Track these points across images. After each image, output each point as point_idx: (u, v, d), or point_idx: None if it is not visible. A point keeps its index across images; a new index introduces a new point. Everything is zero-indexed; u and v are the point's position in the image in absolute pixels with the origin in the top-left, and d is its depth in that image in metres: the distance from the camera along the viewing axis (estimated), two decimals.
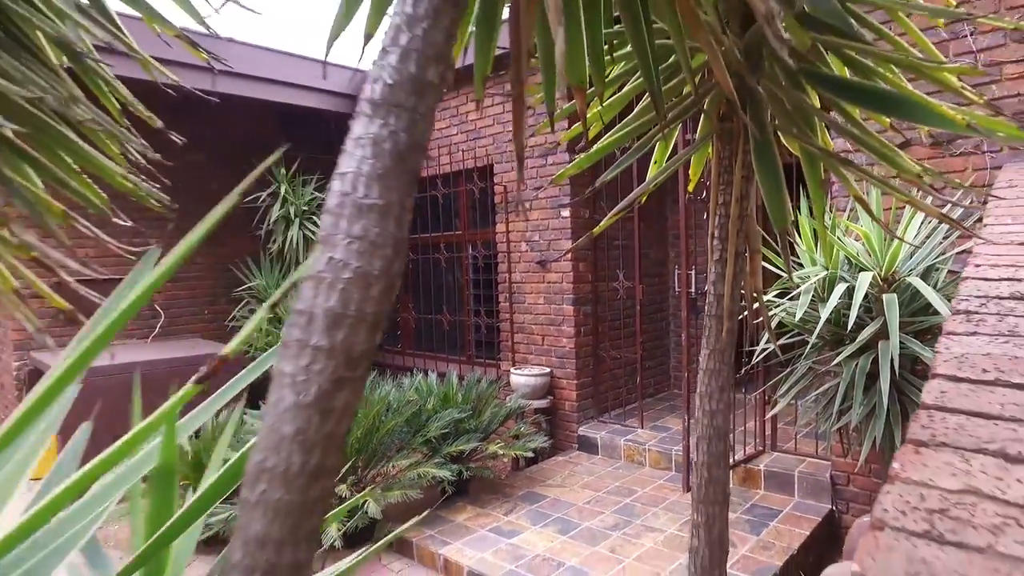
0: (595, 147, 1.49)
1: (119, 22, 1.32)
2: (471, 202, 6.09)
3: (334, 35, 1.06)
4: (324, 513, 0.59)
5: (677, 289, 5.96)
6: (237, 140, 6.33)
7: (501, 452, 4.14)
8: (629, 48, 1.28)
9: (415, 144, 0.61)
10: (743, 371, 3.91)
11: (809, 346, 3.03)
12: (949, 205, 2.93)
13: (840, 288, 2.74)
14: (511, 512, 3.98)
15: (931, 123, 1.07)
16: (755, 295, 1.48)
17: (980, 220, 2.22)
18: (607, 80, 1.33)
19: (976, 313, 1.46)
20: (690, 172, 1.69)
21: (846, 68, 1.28)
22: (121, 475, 0.75)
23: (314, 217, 6.31)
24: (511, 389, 5.17)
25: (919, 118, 1.09)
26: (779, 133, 1.37)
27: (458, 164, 5.95)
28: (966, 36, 3.31)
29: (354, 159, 0.59)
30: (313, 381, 0.56)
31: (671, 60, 1.33)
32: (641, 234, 5.13)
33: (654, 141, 1.47)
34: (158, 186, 1.45)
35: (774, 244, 2.50)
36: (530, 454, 4.35)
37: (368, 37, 1.02)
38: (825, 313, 2.68)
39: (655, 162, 1.65)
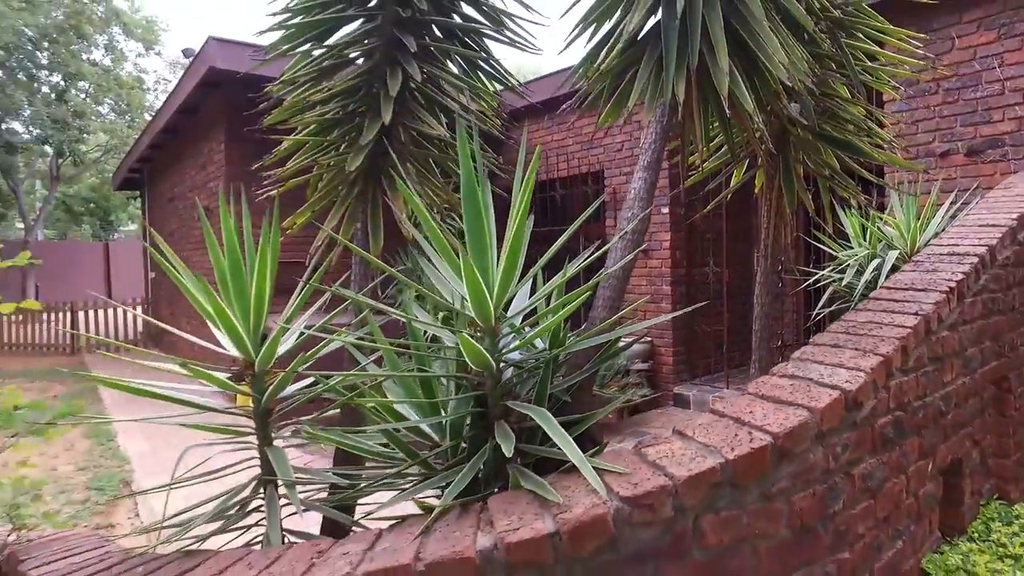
0: (701, 168, 2.69)
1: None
2: (585, 201, 7.32)
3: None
4: (613, 314, 1.84)
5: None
6: None
7: (616, 396, 5.36)
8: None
9: (651, 186, 1.85)
10: (808, 323, 4.96)
11: (851, 307, 4.07)
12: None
13: (875, 263, 3.78)
14: (622, 442, 5.20)
15: (868, 158, 2.21)
16: (783, 258, 2.65)
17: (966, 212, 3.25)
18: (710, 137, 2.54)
19: (920, 262, 2.58)
20: (755, 183, 2.85)
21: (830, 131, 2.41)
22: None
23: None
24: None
25: (864, 155, 2.22)
26: (805, 161, 2.53)
27: (574, 170, 7.20)
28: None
29: (637, 181, 1.84)
30: (611, 295, 1.82)
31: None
32: (728, 229, 6.19)
33: (730, 168, 2.66)
34: None
35: (830, 234, 3.59)
36: (638, 398, 5.54)
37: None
38: (863, 280, 3.73)
39: (734, 178, 2.83)
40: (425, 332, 1.91)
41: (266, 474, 1.97)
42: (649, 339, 6.41)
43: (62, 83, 13.16)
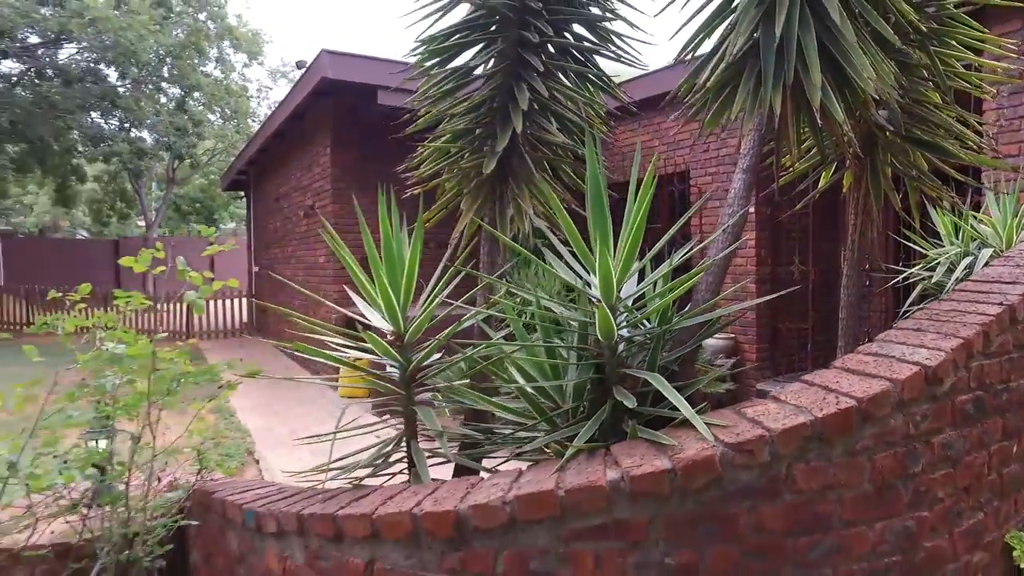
0: (792, 170, 2.91)
1: None
2: (670, 201, 7.50)
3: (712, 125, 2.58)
4: (714, 297, 2.11)
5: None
6: None
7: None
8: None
9: (749, 187, 2.11)
10: (896, 321, 4.99)
11: None
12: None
13: (967, 260, 3.84)
14: None
15: (956, 159, 2.38)
16: (870, 256, 2.82)
17: None
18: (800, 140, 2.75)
19: (1010, 257, 2.70)
20: (843, 183, 3.03)
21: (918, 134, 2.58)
22: None
23: None
24: (703, 348, 6.54)
25: (952, 156, 2.39)
26: (893, 164, 2.70)
27: (660, 169, 7.40)
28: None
29: (737, 182, 2.10)
30: (712, 280, 2.09)
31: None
32: (814, 227, 6.25)
33: (819, 171, 2.86)
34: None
35: (920, 232, 3.69)
36: (721, 389, 5.71)
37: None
38: (953, 277, 3.80)
39: (823, 179, 3.02)
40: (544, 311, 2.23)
41: (409, 430, 2.36)
42: (732, 336, 6.54)
43: (181, 94, 14.40)
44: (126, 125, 14.37)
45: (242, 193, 19.23)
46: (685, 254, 2.20)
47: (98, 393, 2.74)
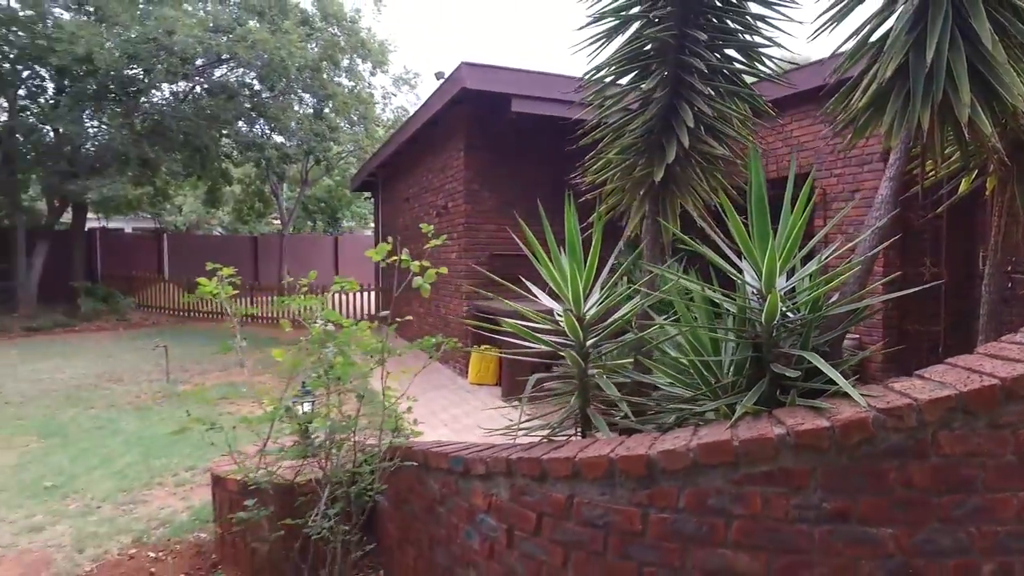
0: (933, 176, 3.10)
1: None
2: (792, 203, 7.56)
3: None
4: (861, 289, 2.40)
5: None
6: None
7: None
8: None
9: (895, 193, 2.39)
10: None
11: None
12: None
13: None
14: None
15: None
16: (1014, 258, 2.98)
17: None
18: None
19: None
20: (987, 186, 3.17)
21: None
22: None
23: None
24: None
25: None
26: None
27: (784, 171, 7.48)
28: None
29: (884, 189, 2.39)
30: (859, 273, 2.38)
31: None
32: (947, 230, 6.17)
33: (959, 177, 3.04)
34: None
35: None
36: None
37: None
38: None
39: (964, 184, 3.19)
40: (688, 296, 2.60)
41: (583, 399, 2.79)
42: (856, 336, 6.55)
43: (317, 103, 15.77)
44: (268, 132, 15.88)
45: (366, 193, 20.85)
46: (832, 253, 2.50)
47: (319, 363, 3.37)
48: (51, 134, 14.13)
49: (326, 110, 16.00)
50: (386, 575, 3.47)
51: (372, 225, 31.75)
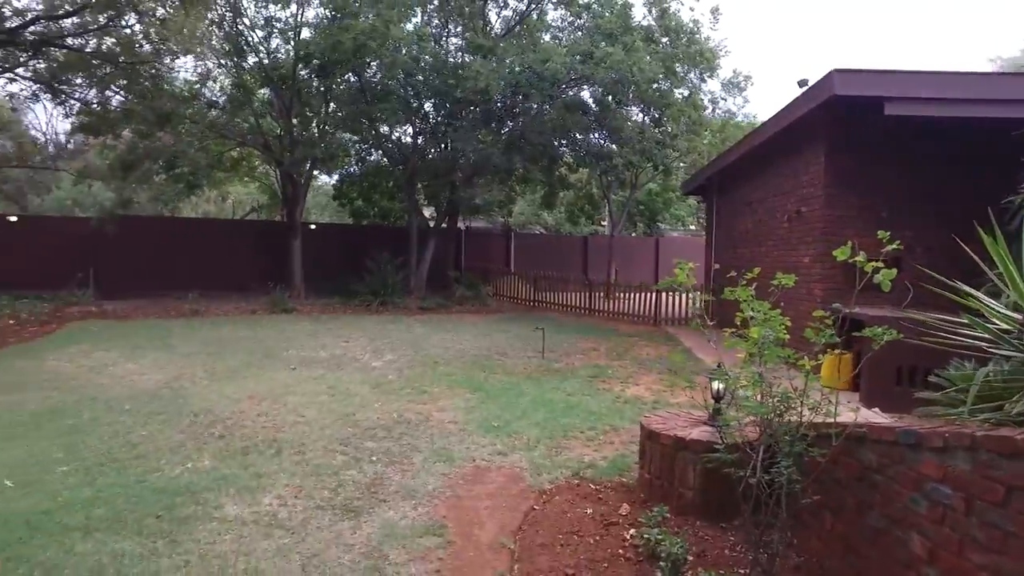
0: None
1: None
2: None
3: None
4: None
5: None
6: None
7: None
8: None
9: None
10: None
11: None
12: None
13: None
14: None
15: None
16: None
17: None
18: None
19: None
20: None
21: None
22: None
23: None
24: None
25: None
26: None
27: None
28: None
29: None
30: None
31: None
32: None
33: None
34: None
35: None
36: None
37: None
38: None
39: None
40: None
41: None
42: None
43: (657, 113, 16.85)
44: (604, 142, 17.41)
45: (692, 198, 21.58)
46: None
47: (752, 347, 3.98)
48: (441, 152, 17.56)
49: (663, 119, 16.96)
50: (792, 538, 3.98)
51: (691, 227, 32.26)
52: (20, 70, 12.74)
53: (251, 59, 16.18)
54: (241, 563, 3.69)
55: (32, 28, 11.97)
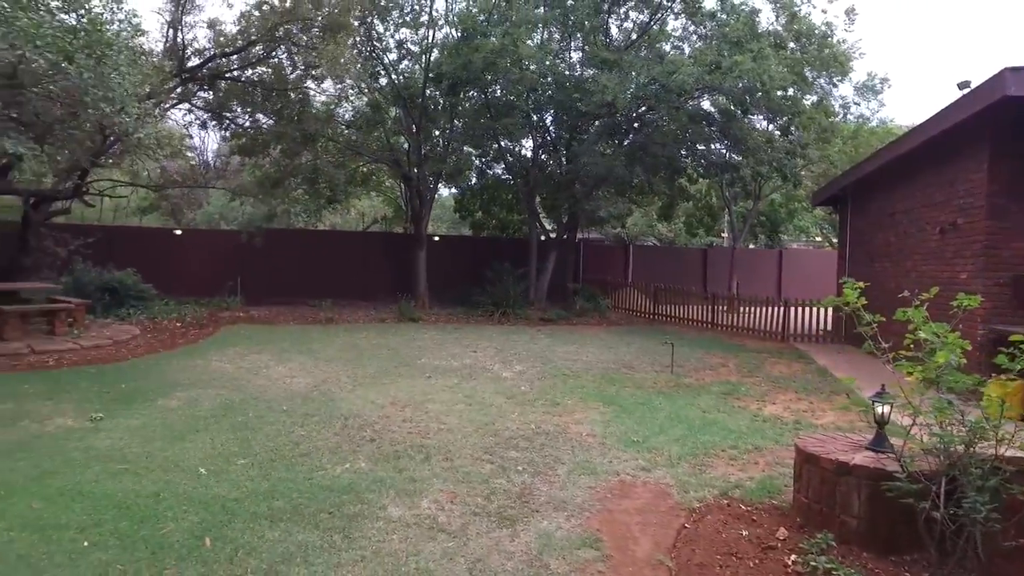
0: None
1: None
2: None
3: None
4: None
5: None
6: None
7: None
8: None
9: None
10: None
11: None
12: None
13: None
14: None
15: None
16: None
17: None
18: None
19: None
20: None
21: None
22: None
23: None
24: None
25: None
26: None
27: None
28: None
29: None
30: None
31: None
32: None
33: None
34: None
35: None
36: None
37: None
38: None
39: None
40: None
41: None
42: None
43: (785, 121, 16.21)
44: (726, 152, 16.92)
45: (819, 209, 20.48)
46: None
47: (930, 370, 3.80)
48: (561, 165, 17.78)
49: (791, 128, 16.28)
50: None
51: (815, 239, 30.61)
52: (196, 101, 14.33)
53: (383, 80, 17.15)
54: (412, 563, 3.93)
55: (208, 65, 13.46)
